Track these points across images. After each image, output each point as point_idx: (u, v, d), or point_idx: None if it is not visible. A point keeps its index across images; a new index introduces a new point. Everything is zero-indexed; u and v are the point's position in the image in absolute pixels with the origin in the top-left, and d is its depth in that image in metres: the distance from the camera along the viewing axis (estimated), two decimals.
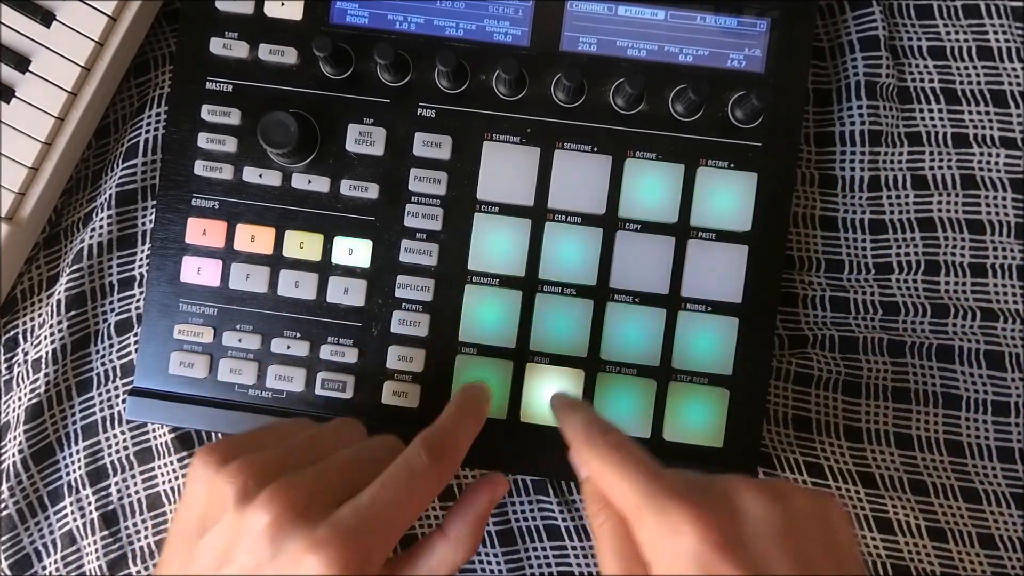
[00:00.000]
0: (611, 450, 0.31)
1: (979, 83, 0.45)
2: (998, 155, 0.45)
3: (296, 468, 0.31)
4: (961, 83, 0.45)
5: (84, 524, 0.45)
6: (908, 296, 0.45)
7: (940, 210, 0.45)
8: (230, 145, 0.41)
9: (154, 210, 0.43)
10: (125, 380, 0.45)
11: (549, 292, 0.41)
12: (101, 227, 0.45)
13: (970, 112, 0.45)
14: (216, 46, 0.41)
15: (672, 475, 0.30)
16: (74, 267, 0.45)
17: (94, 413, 0.45)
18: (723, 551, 0.27)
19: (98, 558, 0.45)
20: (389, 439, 0.34)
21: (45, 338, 0.45)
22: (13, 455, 0.45)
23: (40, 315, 0.46)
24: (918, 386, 0.44)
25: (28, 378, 0.45)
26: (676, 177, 0.41)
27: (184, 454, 0.44)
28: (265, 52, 0.41)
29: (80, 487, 0.45)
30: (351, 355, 0.41)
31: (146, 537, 0.45)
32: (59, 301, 0.45)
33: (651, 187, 0.41)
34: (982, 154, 0.45)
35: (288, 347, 0.41)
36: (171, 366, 0.41)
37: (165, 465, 0.45)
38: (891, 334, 0.44)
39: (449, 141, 0.41)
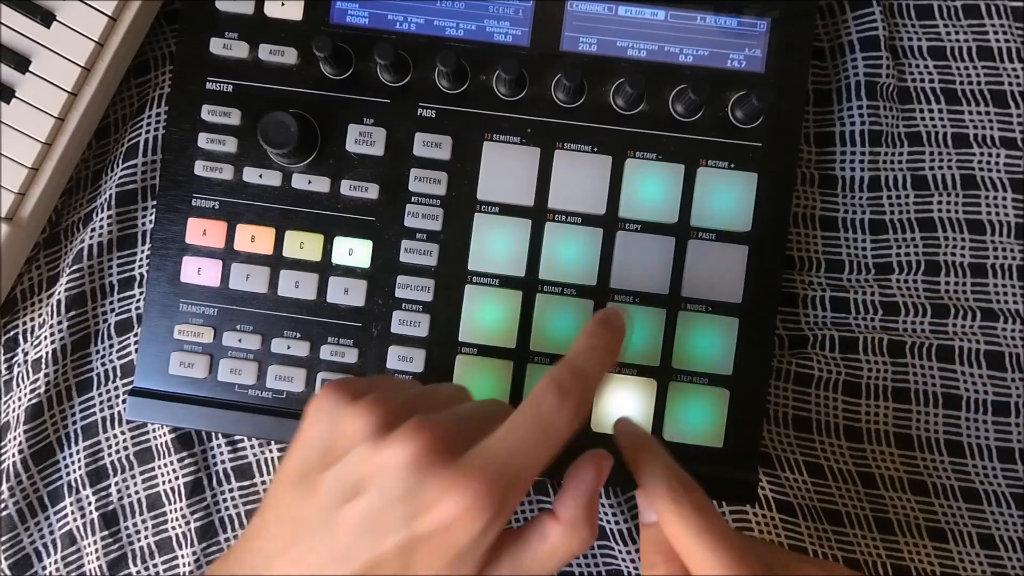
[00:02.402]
0: (696, 513, 0.30)
1: (979, 83, 0.45)
2: (998, 155, 0.45)
3: (425, 412, 0.30)
4: (961, 83, 0.45)
5: (84, 524, 0.45)
6: (908, 296, 0.45)
7: (940, 210, 0.45)
8: (230, 145, 0.41)
9: (154, 210, 0.43)
10: (125, 380, 0.45)
11: (549, 292, 0.41)
12: (101, 227, 0.45)
13: (970, 112, 0.45)
14: (216, 46, 0.41)
15: (747, 548, 0.30)
16: (74, 267, 0.45)
17: (94, 413, 0.45)
18: None
19: (98, 558, 0.45)
20: (498, 400, 0.33)
21: (45, 338, 0.45)
22: (13, 455, 0.45)
23: (40, 315, 0.46)
24: (918, 386, 0.44)
25: (28, 378, 0.45)
26: (676, 177, 0.41)
27: (184, 454, 0.44)
28: (265, 52, 0.41)
29: (80, 487, 0.45)
30: (351, 355, 0.41)
31: (146, 537, 0.45)
32: (59, 301, 0.45)
33: (651, 187, 0.41)
34: (982, 154, 0.45)
35: (288, 347, 0.41)
36: (171, 366, 0.41)
37: (165, 465, 0.45)
38: (891, 334, 0.44)
39: (449, 141, 0.41)
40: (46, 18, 0.41)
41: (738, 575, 0.29)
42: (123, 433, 0.45)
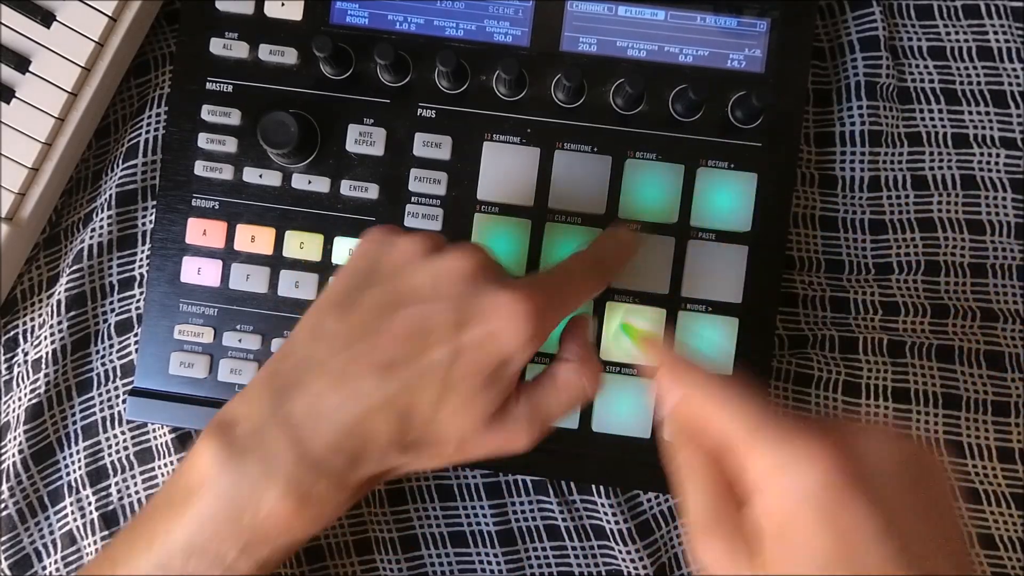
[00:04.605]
0: (714, 377, 0.29)
1: (979, 83, 0.45)
2: (998, 155, 0.45)
3: None
4: (961, 83, 0.45)
5: (84, 524, 0.45)
6: (908, 296, 0.45)
7: (940, 210, 0.45)
8: (230, 145, 0.41)
9: (154, 210, 0.43)
10: (125, 380, 0.45)
11: None
12: (101, 227, 0.45)
13: (970, 112, 0.45)
14: (216, 46, 0.41)
15: (766, 408, 0.28)
16: (74, 267, 0.45)
17: (94, 413, 0.45)
18: (854, 484, 0.25)
19: None
20: None
21: (45, 338, 0.45)
22: (13, 455, 0.45)
23: (40, 315, 0.46)
24: (918, 386, 0.44)
25: (28, 378, 0.45)
26: (676, 177, 0.41)
27: (184, 454, 0.44)
28: (265, 52, 0.41)
29: (80, 487, 0.45)
30: None
31: None
32: (59, 301, 0.45)
33: (651, 187, 0.41)
34: (982, 154, 0.45)
35: None
36: (171, 366, 0.41)
37: (165, 465, 0.45)
38: (891, 334, 0.44)
39: (449, 141, 0.41)
40: (46, 18, 0.41)
41: (776, 431, 0.26)
42: (123, 433, 0.45)
